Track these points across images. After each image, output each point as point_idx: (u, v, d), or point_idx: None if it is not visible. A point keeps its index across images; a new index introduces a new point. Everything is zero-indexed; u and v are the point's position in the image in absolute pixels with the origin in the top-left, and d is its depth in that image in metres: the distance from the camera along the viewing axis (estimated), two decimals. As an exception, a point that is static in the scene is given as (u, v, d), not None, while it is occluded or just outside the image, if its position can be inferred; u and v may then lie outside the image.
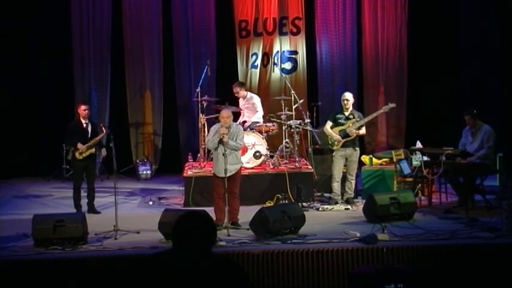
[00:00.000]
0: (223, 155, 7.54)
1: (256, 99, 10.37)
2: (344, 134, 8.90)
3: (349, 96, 9.06)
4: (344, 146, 8.89)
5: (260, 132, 9.78)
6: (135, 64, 12.00)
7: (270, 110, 10.42)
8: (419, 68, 11.91)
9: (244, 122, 10.14)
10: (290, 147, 9.86)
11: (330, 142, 9.03)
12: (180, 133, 12.05)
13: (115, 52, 11.93)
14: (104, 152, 8.90)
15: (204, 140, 8.90)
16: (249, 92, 10.48)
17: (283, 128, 9.84)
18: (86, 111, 8.72)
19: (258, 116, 10.20)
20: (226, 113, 7.73)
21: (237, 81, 10.69)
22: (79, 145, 8.56)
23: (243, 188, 8.29)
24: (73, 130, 8.73)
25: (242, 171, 8.25)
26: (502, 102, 11.45)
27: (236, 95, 10.25)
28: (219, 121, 7.86)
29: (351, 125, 8.88)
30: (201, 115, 9.91)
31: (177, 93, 12.05)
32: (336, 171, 8.97)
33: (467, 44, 11.85)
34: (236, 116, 9.81)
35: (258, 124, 9.97)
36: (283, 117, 9.83)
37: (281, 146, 9.91)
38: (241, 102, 10.35)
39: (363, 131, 9.06)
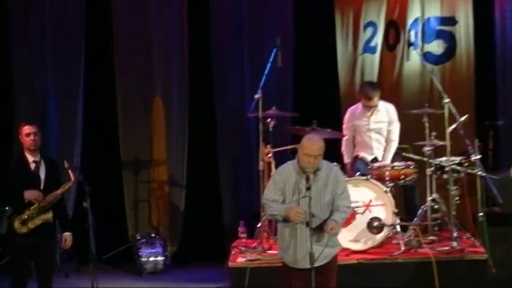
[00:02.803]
0: (306, 224, 7.42)
1: (393, 111, 10.59)
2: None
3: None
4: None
5: (381, 179, 9.84)
6: (134, 51, 12.31)
7: (402, 134, 10.55)
8: None
9: (375, 159, 10.39)
10: (441, 210, 9.90)
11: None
12: (222, 182, 12.24)
13: (93, 33, 12.28)
14: (68, 239, 8.77)
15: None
16: (381, 100, 10.64)
17: (428, 171, 9.93)
18: (32, 136, 8.68)
19: (395, 146, 10.49)
20: (316, 144, 7.45)
21: (365, 81, 11.17)
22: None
23: (346, 292, 8.35)
24: (14, 175, 8.74)
25: (344, 258, 8.32)
26: None
27: (367, 103, 10.46)
28: (294, 157, 7.69)
29: None
30: (263, 146, 10.02)
31: (217, 105, 12.27)
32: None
33: None
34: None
35: (376, 165, 10.09)
36: (427, 149, 9.90)
37: (423, 207, 9.98)
38: (354, 120, 10.52)
39: None
